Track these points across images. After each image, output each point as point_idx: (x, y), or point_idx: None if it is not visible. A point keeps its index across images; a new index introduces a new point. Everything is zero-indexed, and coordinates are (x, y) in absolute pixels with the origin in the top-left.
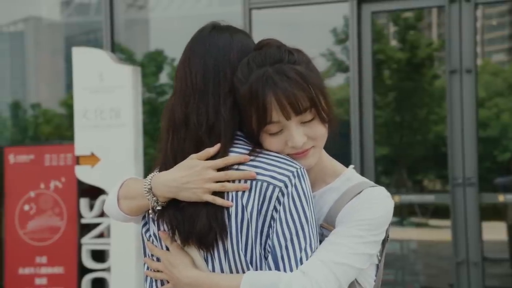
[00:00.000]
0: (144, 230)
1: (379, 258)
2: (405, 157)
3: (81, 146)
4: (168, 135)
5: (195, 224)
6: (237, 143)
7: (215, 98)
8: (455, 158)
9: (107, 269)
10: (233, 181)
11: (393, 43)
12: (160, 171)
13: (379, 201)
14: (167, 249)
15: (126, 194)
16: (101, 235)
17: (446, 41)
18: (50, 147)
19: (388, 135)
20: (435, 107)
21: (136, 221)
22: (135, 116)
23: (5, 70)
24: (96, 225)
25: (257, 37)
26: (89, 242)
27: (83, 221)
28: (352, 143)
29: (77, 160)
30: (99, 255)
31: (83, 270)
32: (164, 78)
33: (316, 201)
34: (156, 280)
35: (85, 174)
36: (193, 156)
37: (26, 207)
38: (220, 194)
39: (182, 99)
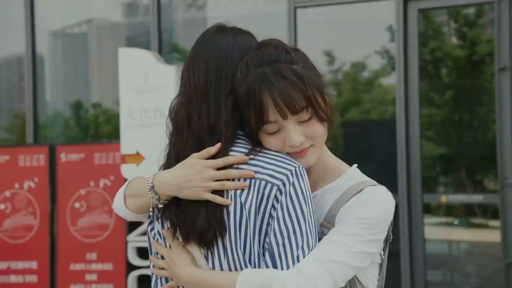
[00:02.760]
0: (149, 228)
1: (382, 257)
2: (464, 157)
3: (127, 145)
4: (172, 135)
5: (195, 222)
6: (238, 143)
7: (217, 98)
8: (505, 158)
9: None
10: (232, 179)
11: (452, 40)
12: (164, 170)
13: (378, 200)
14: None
15: (131, 192)
16: None
17: (495, 38)
18: (100, 146)
19: (445, 134)
20: (495, 105)
21: (144, 219)
22: None
23: (69, 71)
24: (142, 222)
25: (302, 36)
26: (135, 240)
27: None
28: (397, 142)
29: (123, 158)
30: (146, 252)
31: (130, 267)
32: None
33: (318, 200)
34: (161, 278)
35: (131, 172)
36: (194, 155)
37: (77, 205)
38: (219, 192)
39: (185, 99)
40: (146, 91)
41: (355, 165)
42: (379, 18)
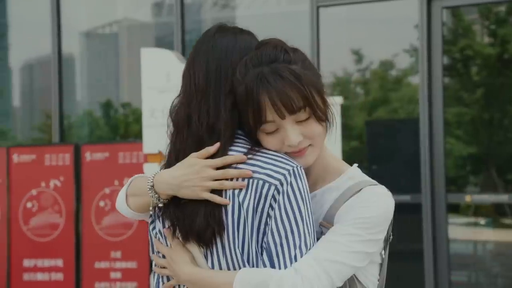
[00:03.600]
0: (151, 227)
1: (383, 256)
2: (494, 156)
3: (149, 144)
4: (173, 135)
5: (194, 222)
6: (237, 142)
7: (216, 98)
8: None
9: None
10: (231, 179)
11: (483, 38)
12: (164, 169)
13: (377, 200)
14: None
15: (133, 191)
16: None
17: None
18: (124, 145)
19: (475, 133)
20: None
21: (147, 218)
22: None
23: (100, 71)
24: None
25: (324, 36)
26: None
27: None
28: (420, 141)
29: (146, 158)
30: None
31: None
32: None
33: (318, 200)
34: (162, 277)
35: (153, 171)
36: (193, 154)
37: (102, 203)
38: (218, 192)
39: (185, 99)
40: (168, 91)
41: (355, 165)
42: (403, 16)
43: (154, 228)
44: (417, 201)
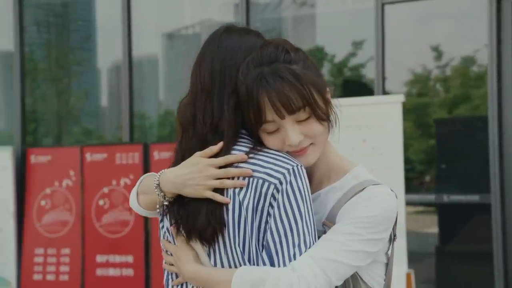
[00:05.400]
0: (160, 225)
1: (388, 256)
2: None
3: None
4: (180, 134)
5: (196, 220)
6: (240, 141)
7: (220, 98)
8: None
9: None
10: (232, 178)
11: None
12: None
13: (378, 199)
14: None
15: (143, 189)
16: None
17: None
18: None
19: None
20: None
21: (158, 215)
22: None
23: (183, 72)
24: None
25: (390, 33)
26: None
27: None
28: (489, 140)
29: None
30: None
31: None
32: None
33: (322, 199)
34: (171, 273)
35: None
36: (197, 153)
37: None
38: (220, 191)
39: (191, 99)
40: None
41: (361, 164)
42: (472, 12)
43: (163, 226)
44: (486, 201)
